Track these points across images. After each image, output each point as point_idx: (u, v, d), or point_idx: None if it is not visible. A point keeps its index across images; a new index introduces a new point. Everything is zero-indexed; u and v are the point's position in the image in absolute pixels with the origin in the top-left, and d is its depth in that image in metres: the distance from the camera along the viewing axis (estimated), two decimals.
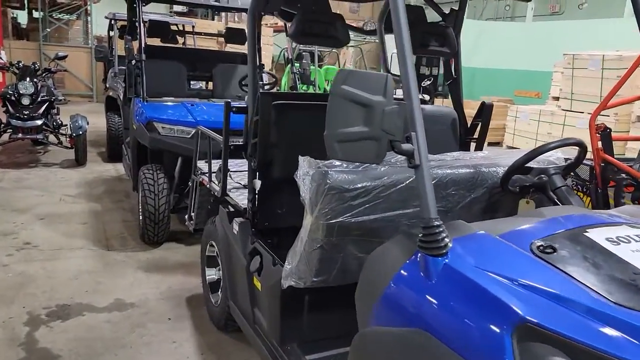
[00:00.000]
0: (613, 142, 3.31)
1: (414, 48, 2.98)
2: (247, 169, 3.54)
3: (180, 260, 4.36)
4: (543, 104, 10.77)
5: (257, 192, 2.63)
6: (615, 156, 3.26)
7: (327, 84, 8.86)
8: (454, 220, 2.27)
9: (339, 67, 9.77)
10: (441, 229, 1.48)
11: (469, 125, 3.09)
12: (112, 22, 8.42)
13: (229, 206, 2.96)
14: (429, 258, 1.47)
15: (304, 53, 5.99)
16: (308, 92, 8.71)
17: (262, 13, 3.66)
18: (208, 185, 3.28)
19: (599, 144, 3.28)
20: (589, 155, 3.89)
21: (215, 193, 3.10)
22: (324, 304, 2.36)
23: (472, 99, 12.92)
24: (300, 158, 2.09)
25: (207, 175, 3.43)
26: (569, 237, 1.58)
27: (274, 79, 5.76)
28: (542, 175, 2.17)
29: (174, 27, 8.11)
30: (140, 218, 4.65)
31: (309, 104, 2.77)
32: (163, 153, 4.85)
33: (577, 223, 1.67)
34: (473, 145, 3.17)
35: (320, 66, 8.47)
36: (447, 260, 1.45)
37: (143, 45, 4.91)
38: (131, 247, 4.55)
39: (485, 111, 2.95)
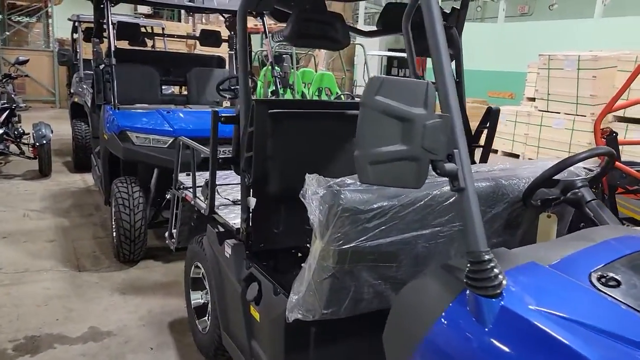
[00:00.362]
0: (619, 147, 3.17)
1: (419, 51, 2.81)
2: (233, 183, 3.29)
3: (159, 280, 4.05)
4: (518, 104, 10.77)
5: (251, 210, 2.37)
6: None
7: (305, 87, 8.62)
8: None
9: (315, 69, 9.55)
10: (493, 264, 1.27)
11: (472, 132, 2.90)
12: (76, 24, 7.99)
13: (218, 225, 2.69)
14: (481, 299, 1.25)
15: (284, 55, 5.76)
16: (302, 99, 8.46)
17: (253, 13, 3.40)
18: (192, 202, 3.00)
19: None
20: (594, 161, 3.77)
21: (202, 211, 2.83)
22: (333, 337, 2.12)
23: None
24: (308, 176, 1.85)
25: (190, 190, 3.15)
26: (631, 265, 1.38)
27: (253, 83, 5.48)
28: (576, 190, 1.98)
29: (142, 30, 7.74)
30: (114, 235, 4.32)
31: (309, 112, 2.53)
32: (137, 164, 4.54)
33: (633, 247, 1.48)
34: (477, 152, 2.99)
35: (297, 69, 8.23)
36: (503, 302, 1.23)
37: (113, 48, 4.58)
38: (105, 267, 4.21)
39: (492, 116, 2.76)
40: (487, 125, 2.82)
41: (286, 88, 6.32)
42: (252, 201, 2.36)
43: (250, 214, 2.38)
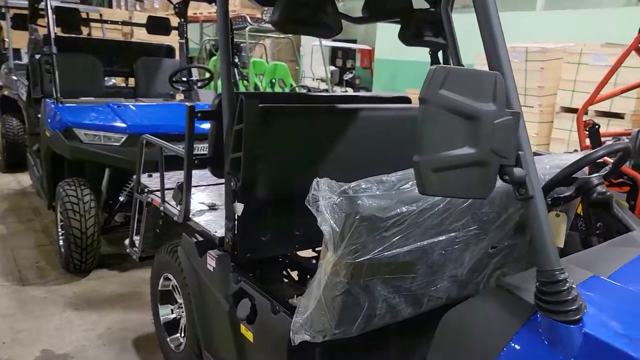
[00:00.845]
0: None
1: (407, 39, 2.62)
2: (204, 184, 3.00)
3: (116, 291, 3.69)
4: None
5: (237, 217, 2.12)
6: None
7: (258, 80, 8.25)
8: (490, 243, 1.94)
9: (267, 60, 9.22)
10: (570, 285, 1.10)
11: None
12: (3, 10, 7.28)
13: (196, 234, 2.41)
14: (558, 325, 1.08)
15: (242, 45, 5.38)
16: (292, 91, 8.07)
17: None
18: (161, 207, 2.69)
19: (587, 141, 3.10)
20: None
21: (175, 217, 2.53)
22: (340, 357, 1.91)
23: (397, 90, 12.91)
24: (318, 180, 1.63)
25: (157, 193, 2.83)
26: None
27: (210, 74, 5.13)
28: (603, 190, 1.86)
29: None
30: (61, 242, 3.92)
31: (303, 107, 2.29)
32: (84, 164, 4.12)
33: None
34: None
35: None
36: (585, 329, 1.06)
37: (53, 35, 4.12)
38: (52, 279, 3.80)
39: None
40: None
41: (242, 80, 6.02)
42: (239, 207, 2.10)
43: (236, 222, 2.13)
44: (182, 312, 2.69)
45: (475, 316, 1.25)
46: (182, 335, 2.73)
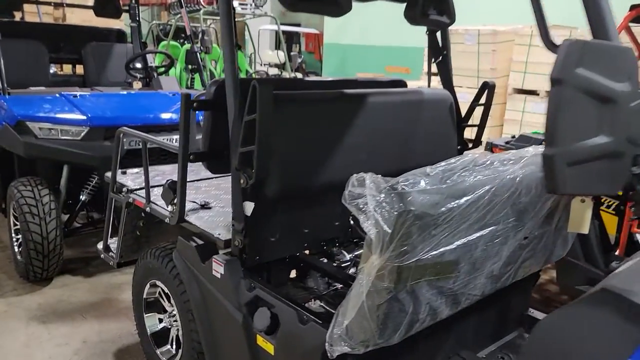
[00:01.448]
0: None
1: (413, 18, 2.47)
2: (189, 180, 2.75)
3: (86, 299, 3.38)
4: (417, 79, 10.95)
5: (246, 218, 1.91)
6: None
7: (214, 66, 7.82)
8: (524, 234, 1.84)
9: (219, 45, 8.75)
10: None
11: (460, 109, 2.66)
12: None
13: (194, 237, 2.18)
14: None
15: (203, 28, 5.03)
16: (303, 78, 7.59)
17: None
18: (147, 208, 2.43)
19: None
20: None
21: (166, 220, 2.28)
22: None
23: (347, 74, 12.81)
24: (359, 176, 1.47)
25: (138, 192, 2.57)
26: None
27: (169, 60, 4.78)
28: None
29: None
30: (18, 249, 3.55)
31: (318, 93, 2.10)
32: (36, 162, 3.75)
33: None
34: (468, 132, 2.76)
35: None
36: None
37: None
38: (10, 290, 3.43)
39: (488, 92, 2.53)
40: (480, 102, 2.58)
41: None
42: (250, 206, 1.90)
43: (247, 223, 1.92)
44: (175, 321, 2.46)
45: (584, 323, 1.12)
46: (175, 346, 2.50)
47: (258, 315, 1.84)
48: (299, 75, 11.66)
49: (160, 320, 2.59)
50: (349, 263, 2.36)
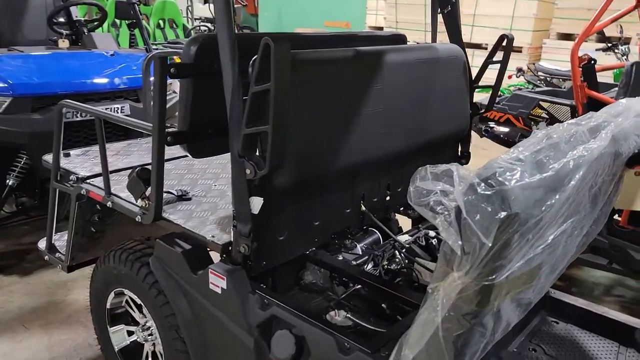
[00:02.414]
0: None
1: None
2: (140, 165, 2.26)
3: (26, 303, 2.83)
4: None
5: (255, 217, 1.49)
6: None
7: (161, 25, 6.84)
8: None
9: None
10: None
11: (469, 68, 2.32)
12: None
13: (177, 239, 1.72)
14: None
15: None
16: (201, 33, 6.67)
17: None
18: (108, 203, 1.92)
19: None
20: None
21: (137, 218, 1.80)
22: None
23: (284, 30, 12.15)
24: (437, 168, 1.09)
25: (92, 181, 2.05)
26: None
27: (102, 13, 4.05)
28: None
29: None
30: None
31: (343, 52, 1.65)
32: None
33: None
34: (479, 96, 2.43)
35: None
36: None
37: None
38: None
39: (506, 47, 2.19)
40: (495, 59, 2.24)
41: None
42: (258, 203, 1.47)
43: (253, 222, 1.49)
44: (149, 335, 2.02)
45: None
46: None
47: (277, 340, 1.45)
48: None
49: (130, 333, 2.14)
50: (359, 255, 2.00)
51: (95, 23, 4.12)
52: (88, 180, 2.07)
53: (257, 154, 1.45)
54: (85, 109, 2.03)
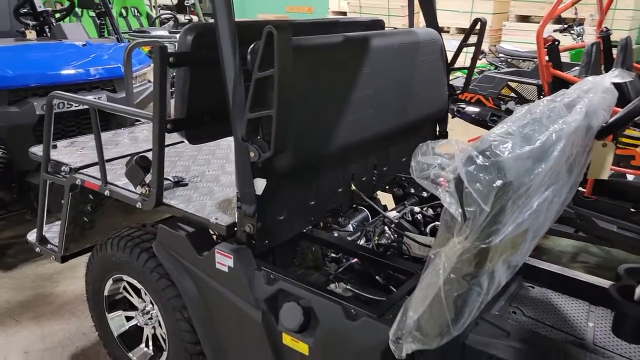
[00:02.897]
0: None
1: None
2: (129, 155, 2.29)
3: (14, 298, 2.83)
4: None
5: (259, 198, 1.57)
6: None
7: (124, 14, 6.56)
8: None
9: None
10: None
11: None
12: None
13: (180, 223, 1.78)
14: None
15: None
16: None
17: None
18: (105, 192, 1.95)
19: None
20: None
21: (137, 204, 1.84)
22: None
23: (247, 17, 12.06)
24: (431, 143, 1.21)
25: (86, 172, 2.08)
26: None
27: (70, 2, 3.96)
28: None
29: None
30: None
31: (338, 38, 1.73)
32: None
33: None
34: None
35: None
36: None
37: None
38: None
39: (480, 30, 2.31)
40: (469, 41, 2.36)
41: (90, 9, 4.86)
42: (261, 184, 1.55)
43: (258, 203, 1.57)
44: (150, 319, 2.08)
45: None
46: (152, 347, 2.13)
47: (286, 311, 1.54)
48: (195, 19, 10.77)
49: (129, 319, 2.19)
50: (351, 232, 2.10)
51: (64, 13, 4.04)
52: (81, 171, 2.09)
53: (259, 137, 1.53)
54: (78, 100, 2.05)
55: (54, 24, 3.84)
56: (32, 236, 2.39)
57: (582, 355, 1.74)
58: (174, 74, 1.91)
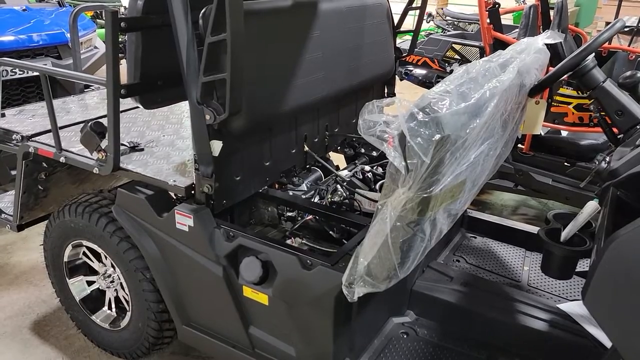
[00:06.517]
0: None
1: None
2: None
3: None
4: None
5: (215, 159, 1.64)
6: None
7: None
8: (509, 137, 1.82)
9: None
10: None
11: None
12: None
13: (139, 187, 1.83)
14: None
15: None
16: None
17: None
18: (61, 158, 1.96)
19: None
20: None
21: (94, 170, 1.87)
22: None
23: None
24: (377, 101, 1.30)
25: (38, 139, 2.07)
26: None
27: None
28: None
29: None
30: None
31: (284, 3, 1.77)
32: None
33: None
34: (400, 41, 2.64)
35: None
36: None
37: None
38: None
39: None
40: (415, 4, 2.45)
41: None
42: (218, 146, 1.61)
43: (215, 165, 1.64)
44: (112, 282, 2.13)
45: None
46: (115, 309, 2.19)
47: (246, 265, 1.63)
48: None
49: (90, 283, 2.24)
50: (305, 190, 2.20)
51: None
52: (34, 139, 2.09)
53: (214, 100, 1.58)
54: (29, 67, 2.01)
55: None
56: None
57: (517, 295, 1.92)
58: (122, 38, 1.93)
